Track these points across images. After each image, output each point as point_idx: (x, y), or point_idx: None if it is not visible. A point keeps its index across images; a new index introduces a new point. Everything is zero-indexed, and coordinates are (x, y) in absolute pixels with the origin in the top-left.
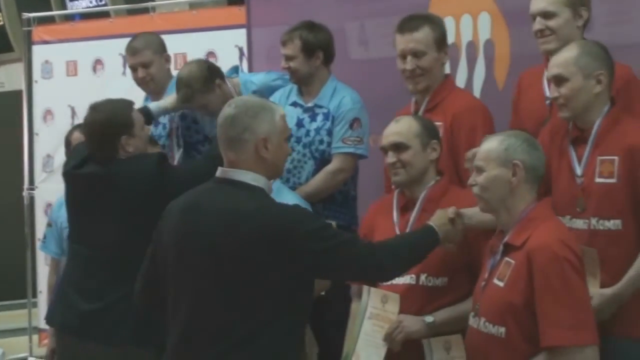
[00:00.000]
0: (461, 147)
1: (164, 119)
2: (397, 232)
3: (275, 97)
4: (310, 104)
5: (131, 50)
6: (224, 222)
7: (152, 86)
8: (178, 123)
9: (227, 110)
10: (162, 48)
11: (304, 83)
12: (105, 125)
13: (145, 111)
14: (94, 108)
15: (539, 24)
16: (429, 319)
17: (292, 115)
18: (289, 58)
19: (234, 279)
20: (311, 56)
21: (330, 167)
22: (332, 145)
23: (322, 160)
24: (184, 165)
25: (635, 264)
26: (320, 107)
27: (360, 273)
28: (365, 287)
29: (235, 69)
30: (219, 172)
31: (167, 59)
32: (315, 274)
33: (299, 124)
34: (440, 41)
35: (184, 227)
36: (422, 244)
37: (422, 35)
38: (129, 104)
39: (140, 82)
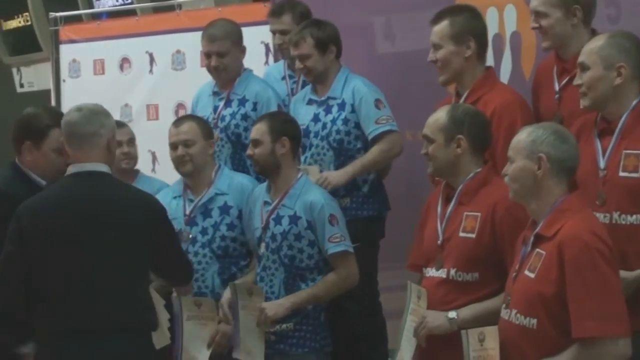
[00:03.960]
0: (500, 141)
1: (206, 112)
2: (438, 226)
3: (295, 100)
4: (323, 98)
5: (210, 37)
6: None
7: (224, 76)
8: (238, 121)
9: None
10: (240, 39)
11: (320, 80)
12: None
13: None
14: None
15: (533, 22)
16: (452, 314)
17: (309, 112)
18: (303, 58)
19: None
20: (325, 52)
21: (379, 146)
22: (367, 130)
23: (341, 150)
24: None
25: None
26: (334, 98)
27: None
28: (408, 283)
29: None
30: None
31: (243, 51)
32: None
33: (315, 119)
34: (460, 35)
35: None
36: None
37: (439, 28)
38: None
39: (213, 70)
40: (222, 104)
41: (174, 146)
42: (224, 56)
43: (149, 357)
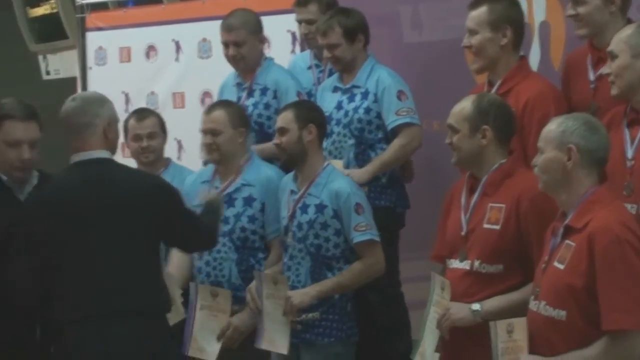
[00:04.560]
0: (532, 133)
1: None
2: (462, 217)
3: (322, 88)
4: (348, 86)
5: (227, 27)
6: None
7: (242, 65)
8: (261, 111)
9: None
10: (258, 28)
11: (348, 69)
12: None
13: None
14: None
15: (570, 9)
16: (476, 306)
17: (334, 99)
18: (332, 47)
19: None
20: (353, 40)
21: (399, 141)
22: (387, 121)
23: (362, 138)
24: None
25: None
26: (358, 87)
27: None
28: (432, 274)
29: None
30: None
31: (262, 40)
32: None
33: (338, 106)
34: (497, 22)
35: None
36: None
37: (477, 13)
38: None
39: (231, 60)
40: (244, 94)
41: (203, 133)
42: (241, 45)
43: (164, 339)
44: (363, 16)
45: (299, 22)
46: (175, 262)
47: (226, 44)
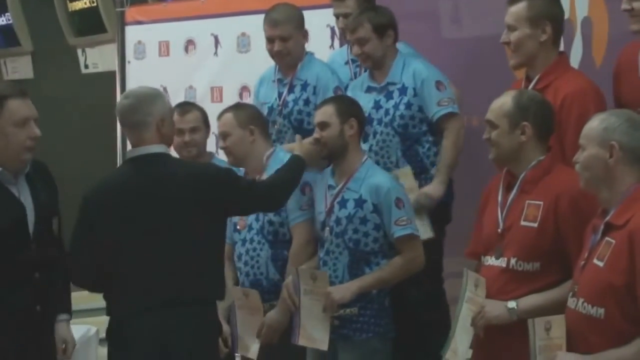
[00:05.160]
0: (570, 130)
1: (270, 98)
2: (499, 214)
3: (352, 87)
4: (383, 84)
5: (272, 22)
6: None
7: (288, 60)
8: (301, 107)
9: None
10: (302, 23)
11: (378, 66)
12: None
13: None
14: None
15: (626, 3)
16: (512, 304)
17: (370, 100)
18: (362, 42)
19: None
20: (383, 36)
21: (449, 140)
22: (430, 113)
23: (406, 134)
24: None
25: None
26: (394, 83)
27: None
28: (464, 270)
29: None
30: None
31: (305, 35)
32: None
33: (377, 106)
34: (537, 19)
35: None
36: (291, 169)
37: (516, 9)
38: None
39: (276, 55)
40: (285, 90)
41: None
42: (287, 40)
43: (215, 325)
44: (392, 13)
45: (337, 16)
46: None
47: (271, 39)
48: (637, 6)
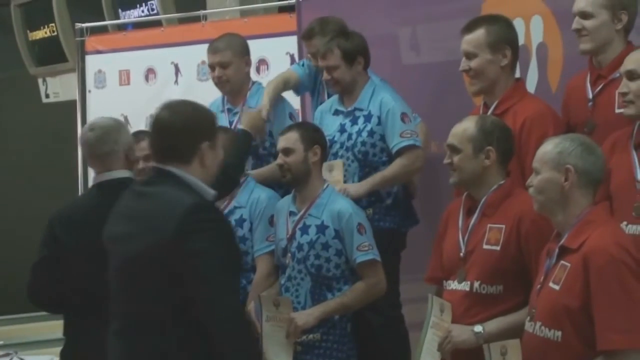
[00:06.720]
0: (530, 153)
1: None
2: (460, 238)
3: (320, 111)
4: (350, 108)
5: (212, 49)
6: None
7: (228, 87)
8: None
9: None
10: (244, 51)
11: (347, 91)
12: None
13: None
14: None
15: (576, 23)
16: (478, 328)
17: (335, 122)
18: (331, 69)
19: None
20: (352, 63)
21: (401, 161)
22: (391, 143)
23: (366, 162)
24: None
25: None
26: (360, 109)
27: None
28: (429, 296)
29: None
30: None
31: (247, 63)
32: None
33: (342, 129)
34: (496, 44)
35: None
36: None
37: (474, 36)
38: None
39: (217, 82)
40: (236, 119)
41: None
42: (226, 67)
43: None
44: (363, 39)
45: (311, 55)
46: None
47: (212, 66)
48: (588, 25)
